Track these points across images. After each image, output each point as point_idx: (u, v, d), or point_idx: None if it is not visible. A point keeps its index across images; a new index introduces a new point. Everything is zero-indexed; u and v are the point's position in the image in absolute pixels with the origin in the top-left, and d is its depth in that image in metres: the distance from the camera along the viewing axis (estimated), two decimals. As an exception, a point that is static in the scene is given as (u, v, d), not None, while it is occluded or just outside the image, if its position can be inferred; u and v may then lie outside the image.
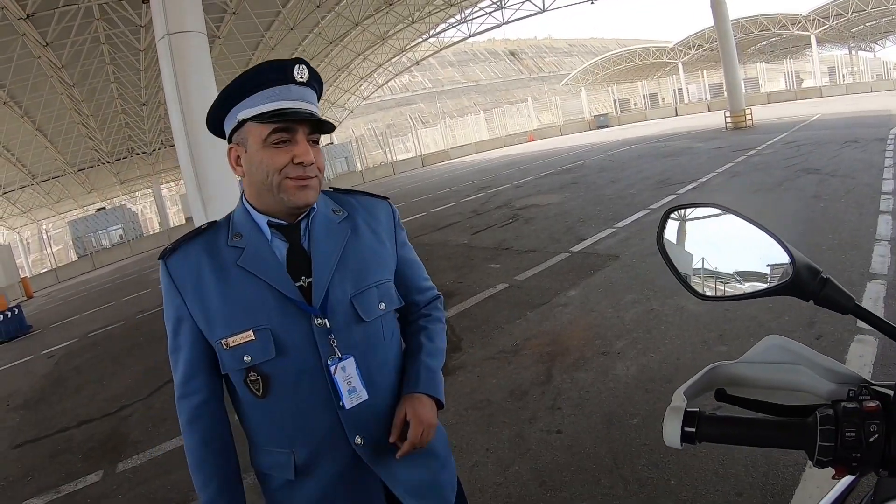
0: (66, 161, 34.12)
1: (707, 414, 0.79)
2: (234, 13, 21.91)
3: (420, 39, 39.93)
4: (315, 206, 1.45)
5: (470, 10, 35.78)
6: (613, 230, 9.03)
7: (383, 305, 1.48)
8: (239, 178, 1.44)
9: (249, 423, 1.45)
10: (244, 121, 1.34)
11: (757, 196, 9.29)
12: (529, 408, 4.06)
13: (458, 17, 36.86)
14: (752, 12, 43.09)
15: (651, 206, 10.27)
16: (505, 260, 8.56)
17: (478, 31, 37.88)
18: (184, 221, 40.27)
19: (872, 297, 4.72)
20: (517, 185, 17.43)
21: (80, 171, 36.42)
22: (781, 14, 42.00)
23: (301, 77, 1.36)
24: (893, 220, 6.98)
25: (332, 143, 43.67)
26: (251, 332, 1.33)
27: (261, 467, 1.47)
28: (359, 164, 45.58)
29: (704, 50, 46.70)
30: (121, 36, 20.29)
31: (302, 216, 1.43)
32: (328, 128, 1.40)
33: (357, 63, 40.33)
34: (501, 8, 34.93)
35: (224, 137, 1.45)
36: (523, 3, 33.97)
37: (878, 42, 49.37)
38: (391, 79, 48.79)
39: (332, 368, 1.37)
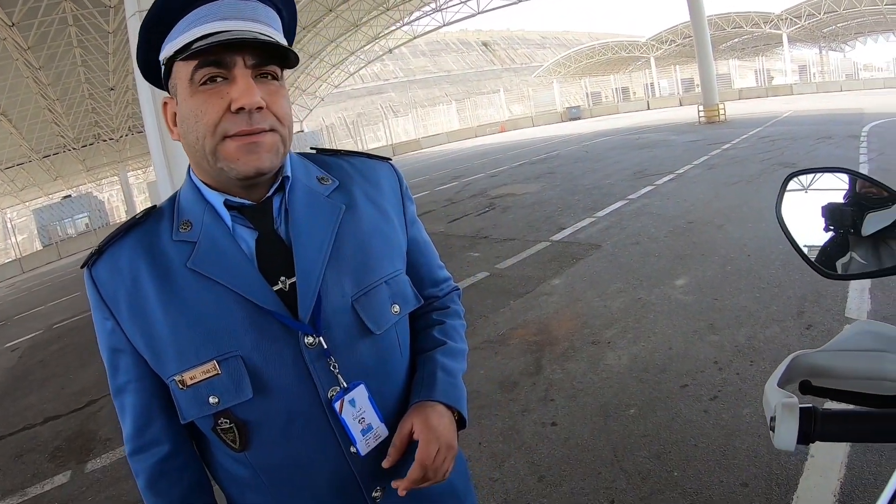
0: (30, 147, 33.32)
1: (824, 410, 0.67)
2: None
3: (394, 27, 39.86)
4: (291, 173, 1.05)
5: (445, -2, 35.81)
6: (593, 219, 8.97)
7: (397, 308, 1.08)
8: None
9: (225, 482, 1.09)
10: (172, 61, 0.94)
11: (735, 188, 9.29)
12: (521, 399, 3.95)
13: (432, 5, 36.77)
14: (725, 9, 43.63)
15: (629, 197, 10.24)
16: (484, 248, 8.44)
17: (452, 20, 37.84)
18: (152, 211, 39.66)
19: (858, 289, 4.71)
20: (491, 175, 17.30)
21: (45, 157, 35.62)
22: (754, 12, 42.54)
23: None
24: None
25: (302, 132, 43.39)
26: (214, 363, 0.95)
27: None
28: (330, 154, 45.65)
29: (677, 45, 47.12)
30: (89, 17, 19.76)
31: (274, 190, 1.02)
32: (284, 56, 0.95)
33: (329, 50, 40.14)
34: (477, -4, 34.98)
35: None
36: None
37: (848, 43, 50.33)
38: (363, 67, 48.66)
39: (337, 405, 0.99)
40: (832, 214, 0.86)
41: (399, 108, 58.11)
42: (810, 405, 0.67)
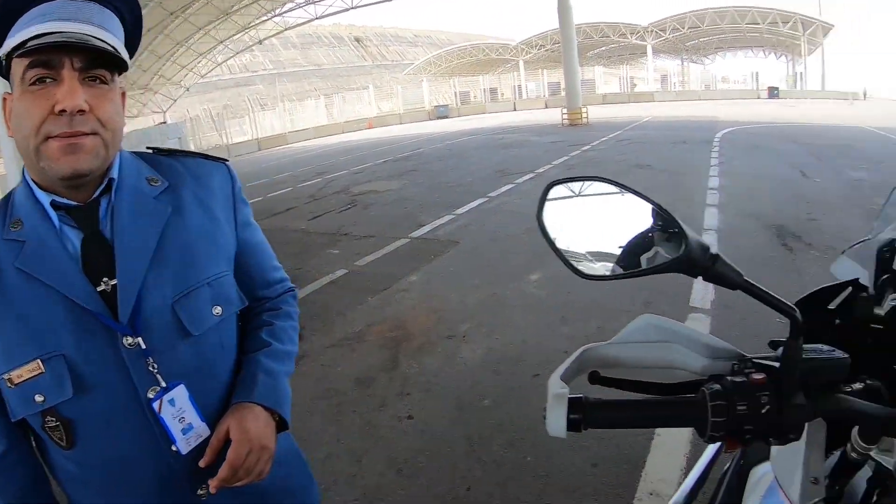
0: None
1: (592, 399, 0.71)
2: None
3: (265, 17, 38.59)
4: (118, 174, 1.05)
5: (319, -10, 35.22)
6: (453, 216, 9.16)
7: (219, 310, 1.10)
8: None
9: (61, 479, 1.09)
10: (10, 57, 0.95)
11: (591, 187, 9.71)
12: (378, 395, 3.94)
13: (307, -4, 36.07)
14: (595, 18, 45.71)
15: (489, 195, 10.56)
16: (344, 245, 8.35)
17: (325, 13, 37.28)
18: None
19: (701, 281, 5.02)
20: (355, 172, 17.14)
21: None
22: (622, 23, 44.97)
23: None
24: (719, 213, 7.70)
25: (164, 123, 41.20)
26: (38, 361, 0.95)
27: None
28: (192, 146, 43.10)
29: (546, 50, 48.92)
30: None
31: (100, 191, 1.03)
32: (113, 60, 0.96)
33: (197, 38, 38.30)
34: (352, -9, 34.68)
35: None
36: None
37: (708, 56, 54.34)
38: (231, 57, 46.64)
39: (156, 404, 1.01)
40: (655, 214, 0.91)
41: (267, 102, 56.27)
42: (581, 395, 0.71)
